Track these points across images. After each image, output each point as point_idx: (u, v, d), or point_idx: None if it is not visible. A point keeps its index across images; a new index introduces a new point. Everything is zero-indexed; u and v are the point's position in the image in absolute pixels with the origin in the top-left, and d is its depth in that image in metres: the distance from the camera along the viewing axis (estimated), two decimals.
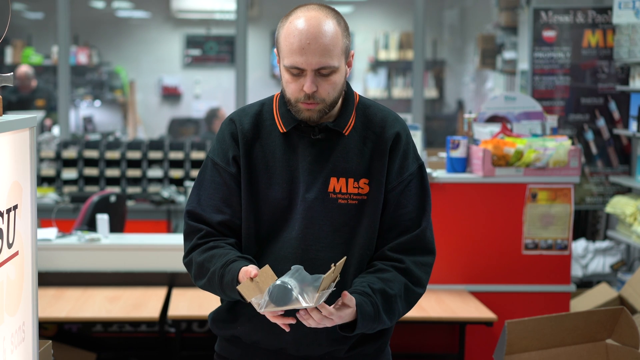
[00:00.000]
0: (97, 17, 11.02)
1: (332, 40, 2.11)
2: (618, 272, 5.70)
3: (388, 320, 2.13)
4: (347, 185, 2.19)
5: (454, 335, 4.26)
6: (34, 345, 2.16)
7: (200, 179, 2.25)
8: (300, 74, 2.12)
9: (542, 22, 6.01)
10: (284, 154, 2.20)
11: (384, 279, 2.14)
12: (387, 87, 10.80)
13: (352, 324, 2.08)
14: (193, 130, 10.24)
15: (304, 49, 2.09)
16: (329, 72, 2.12)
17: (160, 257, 4.46)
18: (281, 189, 2.19)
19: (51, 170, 6.67)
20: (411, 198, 2.21)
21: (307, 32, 2.09)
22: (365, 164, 2.20)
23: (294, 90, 2.14)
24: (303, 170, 2.18)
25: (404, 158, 2.22)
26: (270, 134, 2.22)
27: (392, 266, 2.18)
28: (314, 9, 2.13)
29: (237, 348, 2.27)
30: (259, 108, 2.26)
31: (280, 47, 2.15)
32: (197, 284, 2.21)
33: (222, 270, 2.10)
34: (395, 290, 2.14)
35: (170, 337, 4.38)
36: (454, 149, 4.43)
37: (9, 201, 1.96)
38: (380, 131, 2.22)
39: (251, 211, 2.20)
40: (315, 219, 2.17)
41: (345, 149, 2.20)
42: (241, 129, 2.22)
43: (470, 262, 4.33)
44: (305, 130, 2.20)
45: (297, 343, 2.20)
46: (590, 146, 6.01)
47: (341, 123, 2.21)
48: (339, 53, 2.13)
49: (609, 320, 2.96)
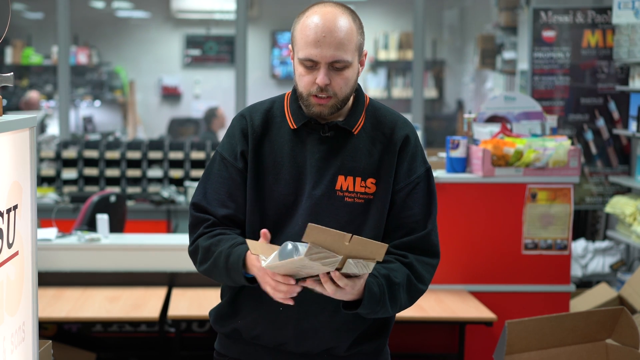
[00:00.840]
0: (97, 17, 11.02)
1: (347, 35, 2.14)
2: (618, 272, 5.71)
3: (390, 307, 2.13)
4: (355, 183, 2.21)
5: (453, 335, 4.26)
6: (34, 345, 2.17)
7: (208, 173, 2.28)
8: (314, 66, 2.15)
9: (541, 22, 6.01)
10: (292, 150, 2.22)
11: (388, 268, 2.15)
12: (387, 87, 10.80)
13: (356, 303, 2.08)
14: (193, 130, 10.24)
15: (319, 42, 2.12)
16: (342, 66, 2.15)
17: (160, 257, 4.46)
18: (288, 185, 2.21)
19: (51, 170, 6.67)
20: (418, 200, 2.23)
21: (323, 25, 2.13)
22: (374, 164, 2.22)
23: (306, 83, 2.17)
24: (311, 167, 2.20)
25: (412, 160, 2.24)
26: (280, 129, 2.24)
27: (397, 259, 2.19)
28: (330, 5, 2.18)
29: (237, 344, 2.28)
30: (270, 105, 2.29)
31: (296, 41, 2.18)
32: (200, 268, 2.23)
33: (229, 250, 2.13)
34: (400, 280, 2.14)
35: (170, 337, 4.37)
36: (454, 149, 4.43)
37: (9, 201, 1.96)
38: (389, 133, 2.24)
39: (256, 206, 2.22)
40: (320, 215, 2.18)
41: (354, 148, 2.22)
42: (251, 124, 2.25)
43: (470, 262, 4.33)
44: (315, 128, 2.22)
45: (298, 338, 2.21)
46: (589, 146, 6.01)
47: (351, 122, 2.23)
48: (352, 49, 2.16)
49: (609, 320, 2.96)
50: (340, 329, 2.20)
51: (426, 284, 2.22)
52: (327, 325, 2.19)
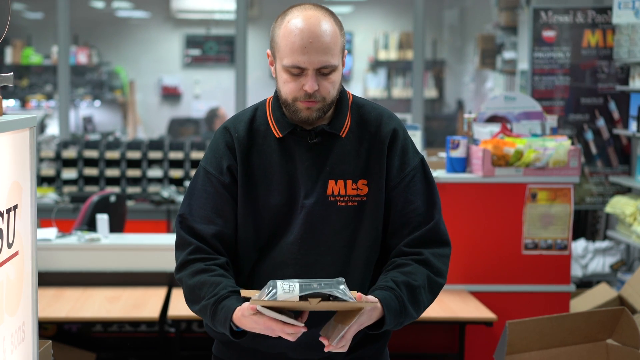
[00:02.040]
0: (97, 17, 11.02)
1: (333, 39, 2.10)
2: (618, 272, 5.70)
3: (414, 312, 2.11)
4: (346, 187, 2.17)
5: (453, 335, 4.26)
6: (34, 345, 2.16)
7: (192, 188, 2.21)
8: (301, 73, 2.10)
9: (542, 22, 6.01)
10: (281, 160, 2.17)
11: (406, 272, 2.12)
12: (387, 87, 10.80)
13: (380, 321, 2.06)
14: (193, 130, 10.24)
15: (306, 48, 2.07)
16: (330, 71, 2.11)
17: (160, 257, 4.46)
18: (280, 195, 2.16)
19: (51, 170, 6.67)
20: (417, 193, 2.19)
21: (309, 31, 2.08)
22: (363, 164, 2.18)
23: (292, 89, 2.11)
24: (301, 176, 2.16)
25: (403, 154, 2.20)
26: (266, 139, 2.19)
27: (412, 259, 2.15)
28: (310, 8, 2.12)
29: (235, 351, 2.25)
30: (252, 114, 2.23)
31: (278, 47, 2.12)
32: (189, 307, 2.17)
33: (214, 307, 2.06)
34: (419, 282, 2.11)
35: (170, 337, 4.37)
36: (454, 149, 4.43)
37: (9, 201, 1.96)
38: (375, 130, 2.20)
39: (249, 218, 2.17)
40: (315, 223, 2.15)
41: (342, 151, 2.18)
42: (237, 136, 2.19)
43: (470, 262, 4.33)
44: (302, 135, 2.17)
45: (298, 348, 2.17)
46: (590, 146, 6.01)
47: (337, 125, 2.18)
48: (338, 52, 2.12)
49: (609, 320, 2.96)
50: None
51: (444, 277, 2.20)
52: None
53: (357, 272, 2.18)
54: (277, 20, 2.15)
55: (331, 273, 2.14)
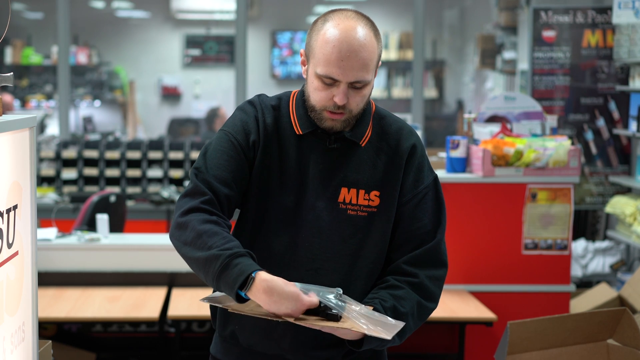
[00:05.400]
0: (97, 17, 11.02)
1: (370, 55, 2.06)
2: (618, 272, 5.70)
3: (398, 338, 2.07)
4: (358, 196, 2.14)
5: (453, 335, 4.26)
6: (34, 345, 2.16)
7: (213, 149, 2.13)
8: (333, 84, 2.06)
9: (541, 22, 6.01)
10: (297, 158, 2.14)
11: (396, 296, 2.10)
12: (387, 87, 10.80)
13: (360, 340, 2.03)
14: (193, 130, 10.25)
15: (342, 61, 2.03)
16: (362, 85, 2.08)
17: (160, 257, 4.46)
18: (291, 191, 2.14)
19: (51, 170, 6.67)
20: (427, 211, 2.17)
21: (348, 44, 2.03)
22: (378, 176, 2.16)
23: (322, 98, 2.08)
24: (313, 177, 2.14)
25: (418, 171, 2.18)
26: (286, 132, 2.16)
27: (406, 282, 2.13)
28: (352, 18, 2.07)
29: (234, 349, 2.23)
30: (277, 103, 2.19)
31: (314, 53, 2.08)
32: (182, 249, 2.04)
33: (228, 260, 1.95)
34: (407, 309, 2.09)
35: (170, 337, 4.37)
36: (454, 149, 4.43)
37: (9, 201, 1.96)
38: (395, 144, 2.18)
39: (260, 204, 2.14)
40: (323, 228, 2.13)
41: (359, 160, 2.15)
42: (263, 118, 2.16)
43: (470, 262, 4.33)
44: (322, 137, 2.14)
45: (295, 348, 2.16)
46: (590, 146, 6.01)
47: (358, 134, 2.16)
48: (374, 67, 2.09)
49: (610, 320, 2.95)
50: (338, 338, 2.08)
51: (436, 301, 2.17)
52: (324, 335, 2.06)
53: (359, 283, 2.16)
54: (316, 23, 2.11)
55: (334, 280, 2.12)
